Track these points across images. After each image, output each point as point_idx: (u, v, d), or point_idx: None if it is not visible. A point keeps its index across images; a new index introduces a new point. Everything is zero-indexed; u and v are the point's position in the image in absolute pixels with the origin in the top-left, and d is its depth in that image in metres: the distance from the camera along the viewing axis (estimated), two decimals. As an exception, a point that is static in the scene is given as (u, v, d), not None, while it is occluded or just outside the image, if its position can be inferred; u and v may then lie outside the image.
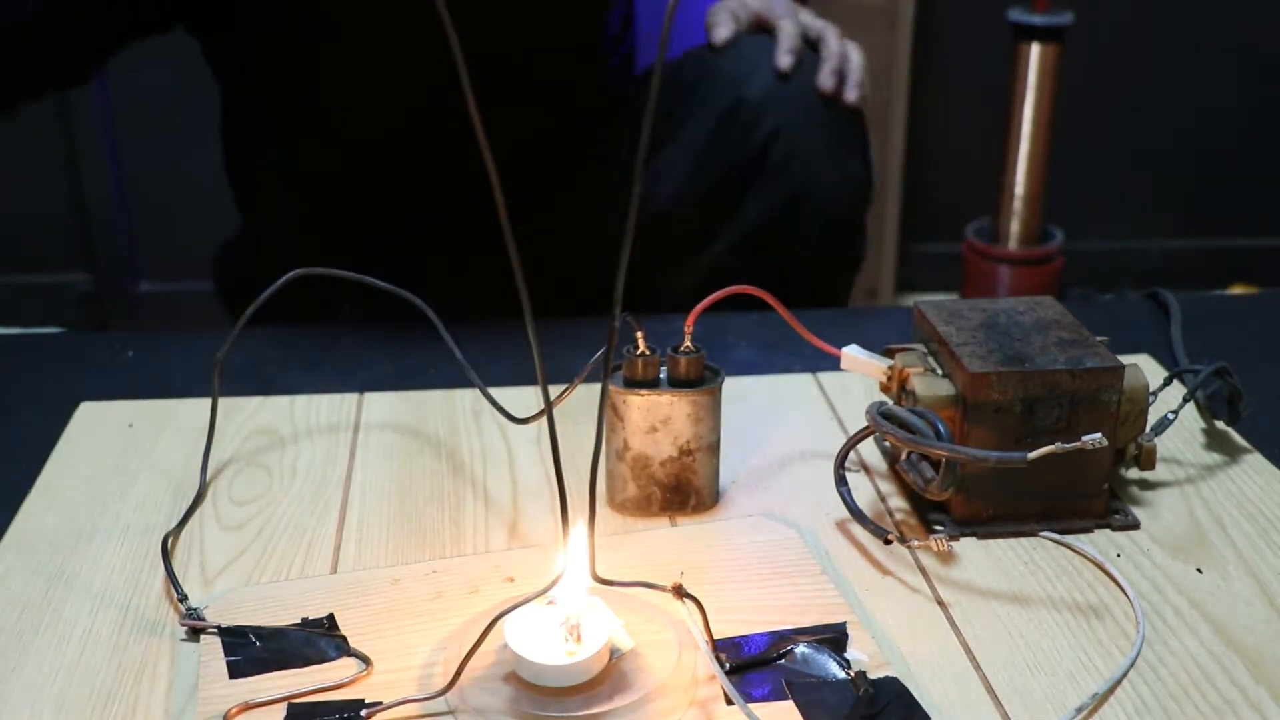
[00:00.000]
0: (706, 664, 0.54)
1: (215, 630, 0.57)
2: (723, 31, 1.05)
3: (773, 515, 0.68)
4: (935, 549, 0.63)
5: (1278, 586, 0.62)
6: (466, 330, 0.74)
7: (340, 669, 0.55)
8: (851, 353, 0.70)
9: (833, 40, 1.03)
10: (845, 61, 1.03)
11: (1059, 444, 0.57)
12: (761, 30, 1.06)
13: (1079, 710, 0.53)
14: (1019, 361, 0.64)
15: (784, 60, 1.02)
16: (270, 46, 0.97)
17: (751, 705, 0.51)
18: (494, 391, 0.72)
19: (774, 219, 1.03)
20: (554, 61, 1.06)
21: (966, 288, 2.20)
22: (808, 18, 1.05)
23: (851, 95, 1.03)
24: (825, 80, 1.01)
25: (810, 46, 1.04)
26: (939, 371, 0.67)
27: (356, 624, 0.58)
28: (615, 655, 0.54)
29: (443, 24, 0.41)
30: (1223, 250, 2.41)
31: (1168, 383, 0.75)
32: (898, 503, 0.69)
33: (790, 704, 0.52)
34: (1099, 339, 0.67)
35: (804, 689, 0.53)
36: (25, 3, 0.87)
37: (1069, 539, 0.65)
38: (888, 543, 0.64)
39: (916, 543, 0.63)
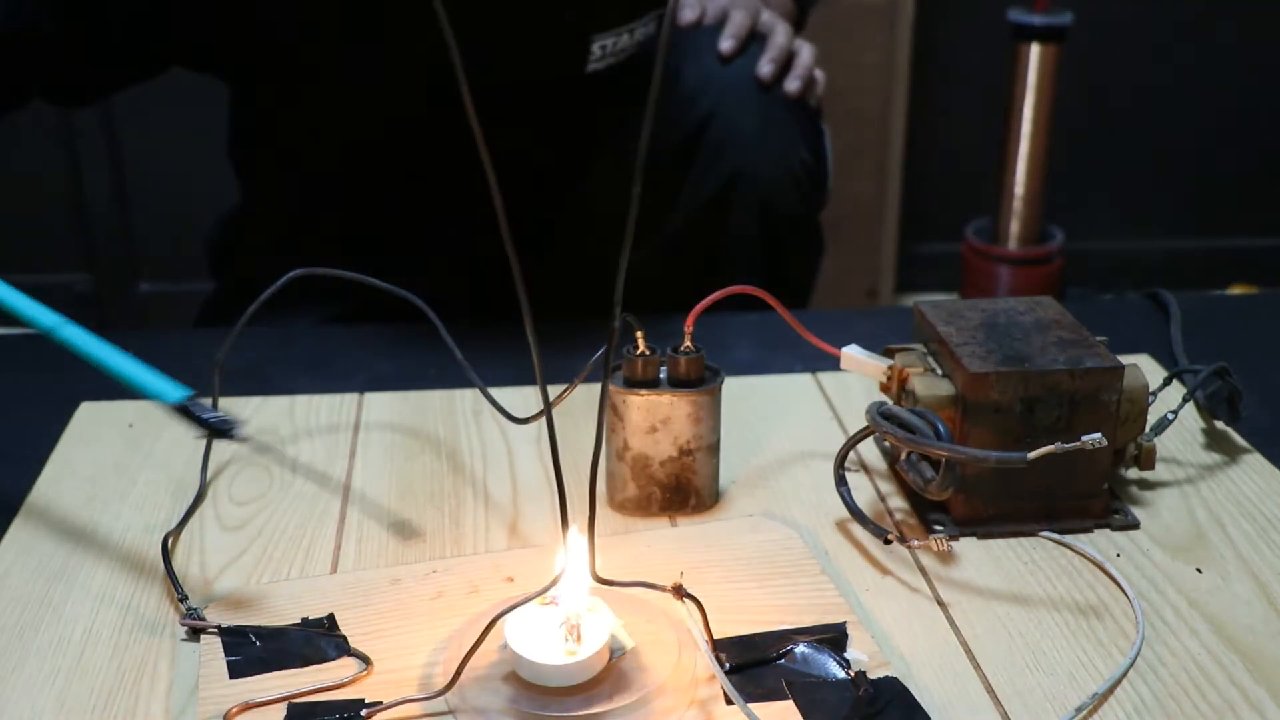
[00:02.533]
0: (706, 664, 0.54)
1: (215, 630, 0.57)
2: (688, 14, 1.06)
3: (773, 515, 0.68)
4: (935, 549, 0.63)
5: (1277, 586, 0.62)
6: (466, 330, 0.74)
7: (340, 669, 0.55)
8: (851, 353, 0.70)
9: (781, 35, 1.04)
10: (791, 57, 1.04)
11: (1059, 444, 0.57)
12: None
13: (1079, 710, 0.53)
14: (1019, 361, 0.64)
15: (725, 45, 1.03)
16: (274, 53, 0.97)
17: (751, 705, 0.51)
18: (494, 391, 0.72)
19: (711, 202, 1.03)
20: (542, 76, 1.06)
21: (966, 288, 2.20)
22: (767, 16, 1.06)
23: (792, 86, 1.03)
24: (763, 68, 1.02)
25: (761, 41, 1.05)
26: (939, 371, 0.67)
27: (356, 624, 0.58)
28: (615, 655, 0.54)
29: (445, 33, 0.41)
30: (1223, 250, 2.41)
31: (1168, 383, 0.75)
32: (898, 503, 0.69)
33: (790, 704, 0.52)
34: (1099, 339, 0.67)
35: (804, 689, 0.53)
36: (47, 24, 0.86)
37: (1069, 539, 0.65)
38: (888, 543, 0.64)
39: (916, 543, 0.63)
